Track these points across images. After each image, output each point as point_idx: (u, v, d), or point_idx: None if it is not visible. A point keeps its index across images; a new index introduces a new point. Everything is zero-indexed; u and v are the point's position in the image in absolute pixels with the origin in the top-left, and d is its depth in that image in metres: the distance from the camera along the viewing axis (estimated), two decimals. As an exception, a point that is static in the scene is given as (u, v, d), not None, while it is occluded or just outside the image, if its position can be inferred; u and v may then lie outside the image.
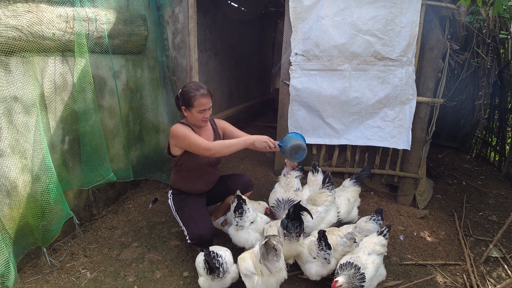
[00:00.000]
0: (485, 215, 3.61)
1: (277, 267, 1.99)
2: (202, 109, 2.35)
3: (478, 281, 2.49)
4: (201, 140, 2.33)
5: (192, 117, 2.40)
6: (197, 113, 2.36)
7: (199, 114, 2.37)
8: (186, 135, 2.32)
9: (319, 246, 2.17)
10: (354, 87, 3.42)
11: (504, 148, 5.04)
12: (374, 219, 2.56)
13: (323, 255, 2.16)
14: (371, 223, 2.55)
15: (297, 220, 2.19)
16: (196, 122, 2.43)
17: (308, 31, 3.36)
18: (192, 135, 2.34)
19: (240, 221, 2.45)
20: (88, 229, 2.87)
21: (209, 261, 2.01)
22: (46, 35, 2.18)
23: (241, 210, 2.44)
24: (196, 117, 2.38)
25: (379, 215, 2.57)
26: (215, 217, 2.98)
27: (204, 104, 2.35)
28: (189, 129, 2.39)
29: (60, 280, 2.31)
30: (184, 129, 2.37)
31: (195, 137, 2.33)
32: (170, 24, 3.64)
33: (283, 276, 2.07)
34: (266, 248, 1.95)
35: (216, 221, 2.96)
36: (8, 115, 2.03)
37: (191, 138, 2.32)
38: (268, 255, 1.96)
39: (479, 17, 3.72)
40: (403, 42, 3.21)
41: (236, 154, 4.83)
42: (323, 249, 2.16)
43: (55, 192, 2.27)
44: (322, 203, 2.72)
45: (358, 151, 3.72)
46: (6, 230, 2.06)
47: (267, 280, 2.03)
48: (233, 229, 2.53)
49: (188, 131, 2.36)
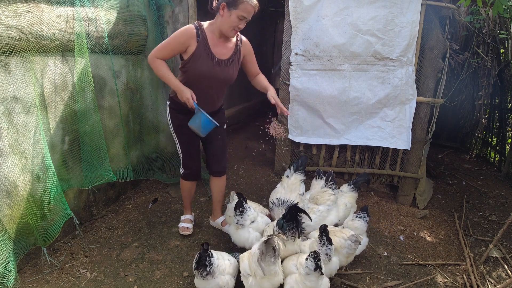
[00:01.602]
0: (485, 215, 3.61)
1: (272, 270, 1.93)
2: (243, 16, 2.13)
3: (478, 281, 2.48)
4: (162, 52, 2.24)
5: (228, 19, 2.15)
6: (236, 17, 2.13)
7: (237, 20, 2.14)
8: (175, 37, 2.21)
9: (320, 241, 2.16)
10: (354, 87, 3.42)
11: (504, 148, 5.04)
12: (360, 216, 2.56)
13: (324, 250, 2.14)
14: (358, 221, 2.56)
15: (293, 221, 2.19)
16: (226, 29, 2.19)
17: (308, 31, 3.36)
18: (173, 43, 2.22)
19: (240, 219, 2.44)
20: (88, 229, 2.87)
21: (201, 256, 1.95)
22: (46, 35, 2.18)
23: (242, 208, 2.43)
24: (233, 21, 2.14)
25: (365, 212, 2.57)
26: (214, 217, 2.97)
27: (249, 11, 2.15)
28: (194, 37, 2.21)
29: (60, 280, 2.31)
30: (189, 32, 2.21)
31: (168, 46, 2.23)
32: (170, 24, 3.63)
33: (278, 281, 2.01)
34: (267, 246, 1.91)
35: (215, 221, 2.96)
36: (8, 115, 2.03)
37: (168, 43, 2.23)
38: (266, 255, 1.92)
39: (479, 17, 3.72)
40: (403, 42, 3.21)
41: (236, 154, 4.83)
42: (324, 244, 2.14)
43: (55, 192, 2.27)
44: (324, 202, 2.72)
45: (358, 151, 3.72)
46: (6, 230, 2.05)
47: (261, 283, 1.98)
48: (233, 228, 2.52)
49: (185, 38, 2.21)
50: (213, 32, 2.28)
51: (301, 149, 3.82)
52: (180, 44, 2.22)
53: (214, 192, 2.84)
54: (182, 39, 2.21)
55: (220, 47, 2.30)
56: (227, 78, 2.41)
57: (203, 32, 2.24)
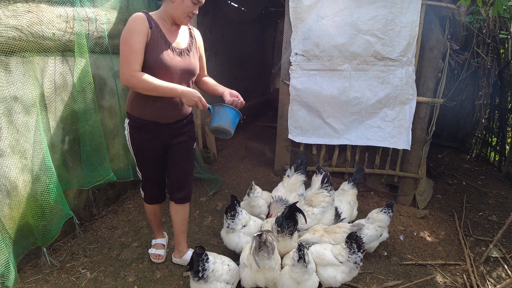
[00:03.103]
0: (485, 215, 3.61)
1: (267, 265, 1.94)
2: (198, 0, 1.90)
3: (478, 281, 2.48)
4: (134, 61, 1.81)
5: (181, 5, 1.88)
6: (191, 2, 1.88)
7: (191, 5, 1.89)
8: (133, 32, 1.81)
9: (350, 249, 2.13)
10: (354, 87, 3.42)
11: (504, 148, 5.04)
12: (385, 211, 2.62)
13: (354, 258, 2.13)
14: (383, 214, 2.61)
15: (291, 220, 2.22)
16: (180, 15, 1.92)
17: (308, 31, 3.36)
18: (137, 39, 1.81)
19: (231, 223, 2.36)
20: (88, 229, 2.87)
21: (194, 259, 1.88)
22: (46, 35, 2.18)
23: (234, 212, 2.33)
24: (187, 6, 1.88)
25: (390, 208, 2.63)
26: (179, 254, 2.48)
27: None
28: (147, 24, 1.86)
29: (60, 280, 2.31)
30: (142, 18, 1.85)
31: (133, 48, 1.80)
32: (170, 24, 3.63)
33: (273, 276, 2.01)
34: (259, 241, 1.93)
35: (183, 258, 2.48)
36: (8, 115, 2.03)
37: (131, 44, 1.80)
38: (259, 250, 1.93)
39: (479, 17, 3.72)
40: (403, 42, 3.21)
41: (235, 154, 4.82)
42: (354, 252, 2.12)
43: (55, 192, 2.27)
44: (318, 204, 2.72)
45: (358, 151, 3.72)
46: (6, 230, 2.05)
47: (256, 275, 2.00)
48: (224, 232, 2.48)
49: (143, 26, 1.83)
50: (164, 20, 1.97)
51: (301, 149, 3.82)
52: (143, 34, 1.84)
53: (176, 221, 2.35)
54: (141, 27, 1.84)
55: (175, 35, 2.00)
56: (190, 69, 2.06)
57: (154, 20, 1.93)
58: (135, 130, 2.09)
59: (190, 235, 2.89)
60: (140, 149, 2.14)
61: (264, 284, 2.06)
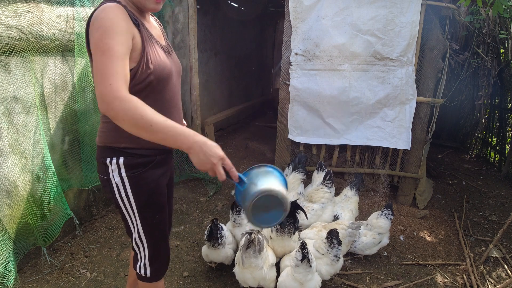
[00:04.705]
0: (485, 215, 3.61)
1: (253, 263, 1.99)
2: None
3: (478, 281, 2.48)
4: (120, 74, 1.11)
5: None
6: None
7: None
8: (115, 30, 1.15)
9: (330, 244, 2.18)
10: (354, 87, 3.42)
11: (504, 148, 5.04)
12: (384, 214, 2.52)
13: (334, 252, 2.17)
14: (382, 219, 2.51)
15: (291, 217, 2.22)
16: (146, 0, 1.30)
17: (308, 31, 3.36)
18: (120, 42, 1.15)
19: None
20: (88, 229, 2.87)
21: (213, 228, 2.22)
22: (46, 35, 2.18)
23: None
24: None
25: (390, 209, 2.48)
26: None
27: None
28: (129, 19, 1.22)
29: (60, 280, 2.31)
30: (122, 11, 1.20)
31: (119, 55, 1.13)
32: (170, 24, 3.63)
33: (261, 276, 2.04)
34: (248, 240, 1.98)
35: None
36: (8, 115, 2.03)
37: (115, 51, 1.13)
38: (247, 248, 1.98)
39: (479, 17, 3.72)
40: (403, 42, 3.21)
41: (236, 154, 4.82)
42: (334, 247, 2.17)
43: (55, 192, 2.27)
44: (318, 200, 2.73)
45: (358, 151, 3.72)
46: (6, 230, 2.05)
47: (243, 272, 2.05)
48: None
49: (126, 22, 1.19)
50: (133, 9, 1.33)
51: (301, 149, 3.82)
52: (129, 35, 1.21)
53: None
54: (122, 22, 1.19)
55: (152, 28, 1.42)
56: (181, 70, 1.55)
57: (132, 12, 1.30)
58: (142, 168, 1.35)
59: (190, 235, 2.89)
60: (155, 194, 1.41)
61: (256, 283, 2.08)
